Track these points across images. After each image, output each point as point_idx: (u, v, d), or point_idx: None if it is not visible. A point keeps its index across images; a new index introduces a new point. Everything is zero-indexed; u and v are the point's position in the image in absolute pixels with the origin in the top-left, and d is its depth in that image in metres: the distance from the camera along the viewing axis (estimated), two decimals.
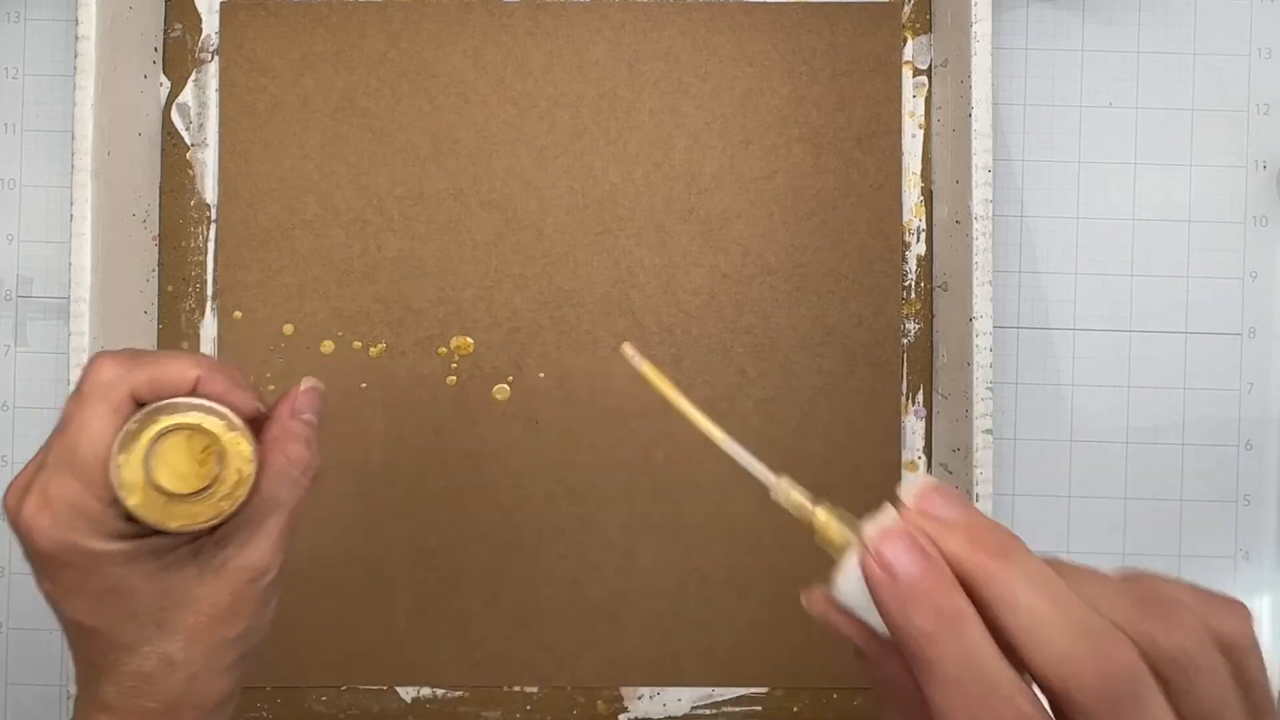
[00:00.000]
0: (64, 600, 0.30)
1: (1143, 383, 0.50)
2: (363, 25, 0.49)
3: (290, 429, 0.34)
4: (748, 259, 0.49)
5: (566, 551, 0.48)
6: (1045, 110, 0.50)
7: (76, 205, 0.42)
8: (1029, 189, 0.50)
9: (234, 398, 0.32)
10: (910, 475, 0.24)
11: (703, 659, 0.48)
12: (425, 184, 0.49)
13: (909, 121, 0.49)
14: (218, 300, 0.49)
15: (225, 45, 0.49)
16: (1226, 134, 0.50)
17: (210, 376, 0.31)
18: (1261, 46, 0.50)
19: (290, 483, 0.33)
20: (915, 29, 0.50)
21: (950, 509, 0.23)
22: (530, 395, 0.49)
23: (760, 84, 0.49)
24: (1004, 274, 0.50)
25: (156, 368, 0.31)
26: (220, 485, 0.31)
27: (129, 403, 0.30)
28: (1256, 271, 0.50)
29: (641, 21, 0.49)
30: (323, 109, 0.49)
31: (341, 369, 0.49)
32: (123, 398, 0.30)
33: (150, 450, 0.30)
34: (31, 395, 0.49)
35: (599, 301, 0.49)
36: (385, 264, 0.49)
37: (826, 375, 0.49)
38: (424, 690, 0.49)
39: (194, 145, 0.49)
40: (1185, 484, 0.50)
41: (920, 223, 0.49)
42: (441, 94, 0.49)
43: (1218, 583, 0.49)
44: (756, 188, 0.49)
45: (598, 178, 0.49)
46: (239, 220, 0.49)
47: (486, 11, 0.49)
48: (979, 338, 0.43)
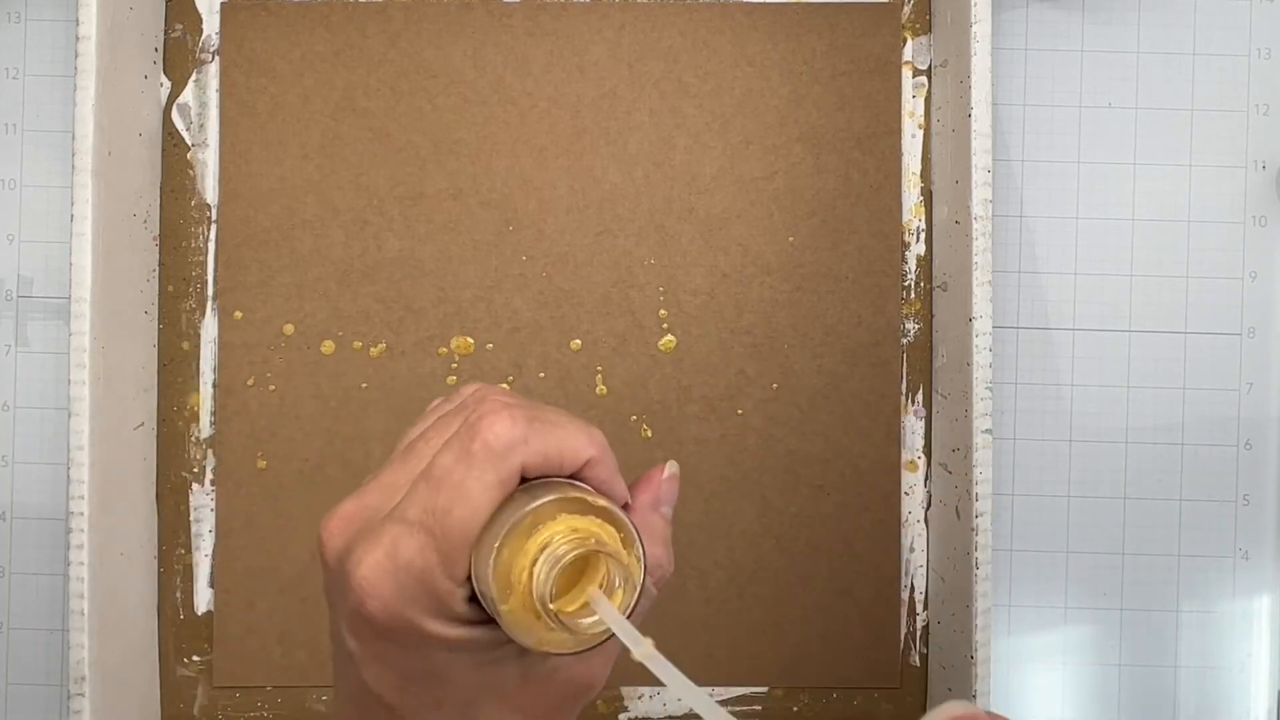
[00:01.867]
0: (369, 667, 0.27)
1: (1142, 383, 0.50)
2: (363, 25, 0.49)
3: (652, 526, 0.29)
4: (748, 259, 0.49)
5: None
6: (1045, 110, 0.50)
7: (77, 205, 0.42)
8: (1029, 189, 0.50)
9: (615, 487, 0.28)
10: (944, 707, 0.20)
11: (703, 659, 0.49)
12: (425, 184, 0.49)
13: (909, 122, 0.49)
14: (218, 300, 0.49)
15: (225, 45, 0.49)
16: (1226, 134, 0.50)
17: (602, 460, 0.27)
18: (1261, 46, 0.50)
19: (646, 596, 0.28)
20: (915, 29, 0.50)
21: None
22: (530, 395, 0.49)
23: (760, 84, 0.49)
24: (1004, 274, 0.50)
25: (554, 440, 0.27)
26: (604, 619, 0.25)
27: (517, 476, 0.26)
28: (1256, 271, 0.50)
29: (641, 21, 0.49)
30: (323, 109, 0.49)
31: (341, 369, 0.49)
32: (513, 471, 0.26)
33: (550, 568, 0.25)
34: (31, 395, 0.49)
35: (599, 301, 0.49)
36: (385, 264, 0.49)
37: (826, 375, 0.49)
38: None
39: (194, 145, 0.49)
40: (1184, 484, 0.50)
41: (920, 223, 0.49)
42: (441, 94, 0.49)
43: (1217, 582, 0.49)
44: (756, 188, 0.49)
45: (598, 178, 0.49)
46: (239, 220, 0.49)
47: (486, 11, 0.49)
48: (978, 338, 0.43)
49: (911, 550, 0.49)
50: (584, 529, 0.25)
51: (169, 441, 0.49)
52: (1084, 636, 0.49)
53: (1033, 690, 0.49)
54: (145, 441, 0.48)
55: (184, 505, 0.49)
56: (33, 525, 0.49)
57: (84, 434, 0.42)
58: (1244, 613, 0.49)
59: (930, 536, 0.49)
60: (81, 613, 0.41)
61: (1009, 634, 0.49)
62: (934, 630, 0.48)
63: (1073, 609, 0.49)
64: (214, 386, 0.49)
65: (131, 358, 0.46)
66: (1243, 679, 0.49)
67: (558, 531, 0.25)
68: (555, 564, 0.24)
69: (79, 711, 0.41)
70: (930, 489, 0.49)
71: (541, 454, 0.26)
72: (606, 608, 0.25)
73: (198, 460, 0.49)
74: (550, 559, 0.24)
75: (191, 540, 0.49)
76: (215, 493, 0.48)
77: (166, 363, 0.49)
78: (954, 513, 0.46)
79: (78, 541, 0.41)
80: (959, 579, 0.44)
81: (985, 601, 0.43)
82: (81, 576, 0.41)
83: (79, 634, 0.41)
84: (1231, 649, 0.49)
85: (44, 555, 0.49)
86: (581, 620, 0.25)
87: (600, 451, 0.27)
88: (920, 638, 0.49)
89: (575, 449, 0.27)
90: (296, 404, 0.48)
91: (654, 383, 0.49)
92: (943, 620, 0.47)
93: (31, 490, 0.49)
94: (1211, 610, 0.49)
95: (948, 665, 0.46)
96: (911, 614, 0.49)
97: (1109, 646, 0.49)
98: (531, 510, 0.25)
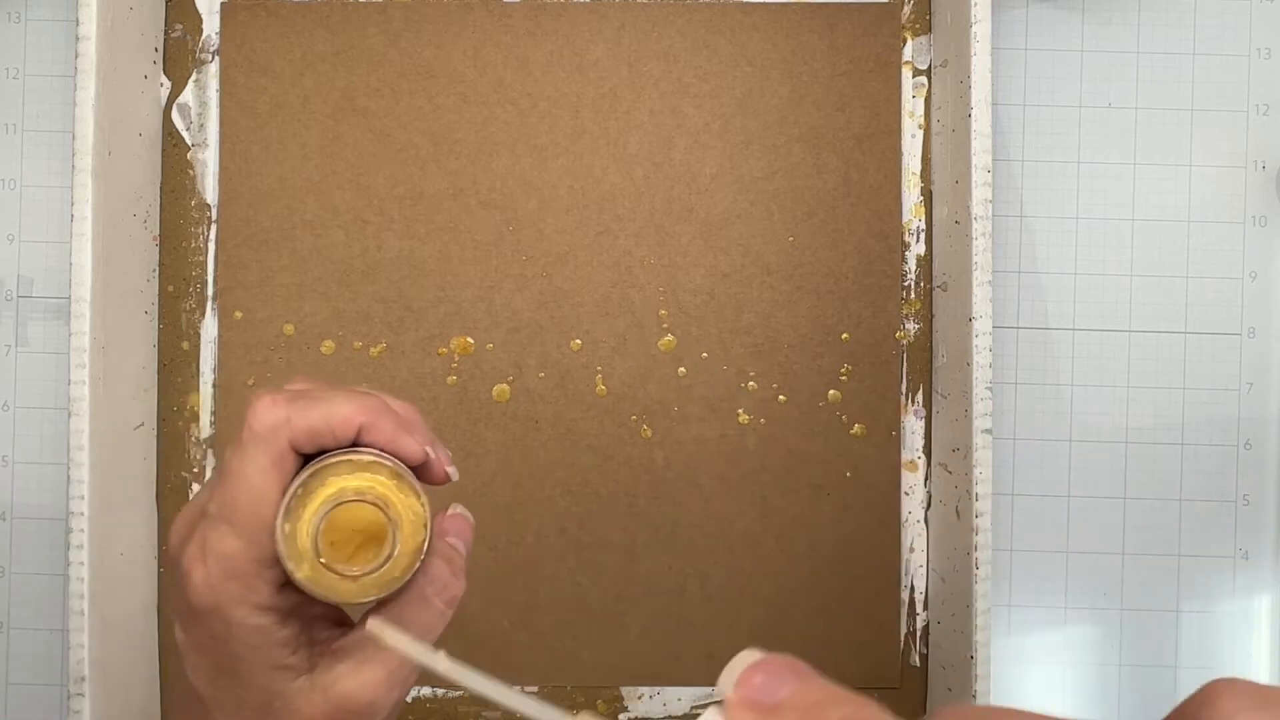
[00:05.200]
0: (189, 657, 0.29)
1: (1142, 383, 0.50)
2: (363, 25, 0.49)
3: (438, 547, 0.30)
4: (747, 259, 0.49)
5: (566, 551, 0.49)
6: (1045, 110, 0.50)
7: (77, 205, 0.42)
8: (1029, 189, 0.50)
9: (401, 445, 0.29)
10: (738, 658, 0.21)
11: (703, 659, 0.48)
12: (425, 184, 0.49)
13: (909, 121, 0.49)
14: (218, 300, 0.49)
15: (225, 45, 0.49)
16: (1226, 134, 0.50)
17: (375, 424, 0.29)
18: (1261, 46, 0.50)
19: (422, 605, 0.29)
20: (915, 29, 0.50)
21: (776, 686, 0.20)
22: (530, 395, 0.49)
23: (760, 84, 0.49)
24: (1004, 274, 0.50)
25: (317, 414, 0.28)
26: (394, 562, 0.28)
27: (290, 455, 0.28)
28: (1256, 271, 0.50)
29: (641, 21, 0.49)
30: (323, 109, 0.49)
31: (341, 369, 0.49)
32: (283, 449, 0.28)
33: (318, 524, 0.27)
34: (32, 395, 0.49)
35: (599, 301, 0.49)
36: (385, 264, 0.49)
37: (826, 375, 0.49)
38: (424, 690, 0.49)
39: (194, 145, 0.49)
40: (1184, 484, 0.50)
41: (920, 223, 0.49)
42: (441, 94, 0.49)
43: (1217, 582, 0.49)
44: (756, 188, 0.49)
45: (598, 178, 0.49)
46: (239, 220, 0.49)
47: (486, 11, 0.49)
48: (978, 338, 0.43)
49: (911, 550, 0.49)
50: (355, 486, 0.28)
51: (169, 441, 0.49)
52: (1084, 636, 0.49)
53: (1033, 690, 0.49)
54: (145, 441, 0.48)
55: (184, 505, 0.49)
56: (33, 525, 0.49)
57: (84, 434, 0.42)
58: (1244, 613, 0.49)
59: (930, 536, 0.49)
60: (81, 613, 0.41)
61: (1009, 634, 0.49)
62: (934, 630, 0.48)
63: (1073, 609, 0.49)
64: (214, 386, 0.49)
65: (131, 358, 0.46)
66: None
67: (328, 494, 0.28)
68: (320, 516, 0.27)
69: (79, 711, 0.41)
70: (930, 489, 0.49)
71: (307, 428, 0.28)
72: (391, 635, 0.26)
73: (198, 460, 0.49)
74: (317, 513, 0.27)
75: None
76: None
77: (166, 363, 0.49)
78: (954, 513, 0.46)
79: (78, 541, 0.41)
80: (959, 579, 0.44)
81: (985, 601, 0.43)
82: (81, 576, 0.41)
83: (79, 634, 0.41)
84: (1231, 649, 0.49)
85: (44, 555, 0.49)
86: (354, 568, 0.28)
87: (372, 416, 0.29)
88: (920, 638, 0.49)
89: (344, 418, 0.28)
90: None
91: (654, 383, 0.49)
92: (943, 620, 0.47)
93: (31, 490, 0.49)
94: (1211, 610, 0.49)
95: (948, 665, 0.46)
96: (911, 614, 0.49)
97: (1109, 646, 0.49)
98: (301, 482, 0.28)
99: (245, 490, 0.28)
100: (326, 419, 0.28)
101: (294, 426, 0.28)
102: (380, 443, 0.29)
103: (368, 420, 0.29)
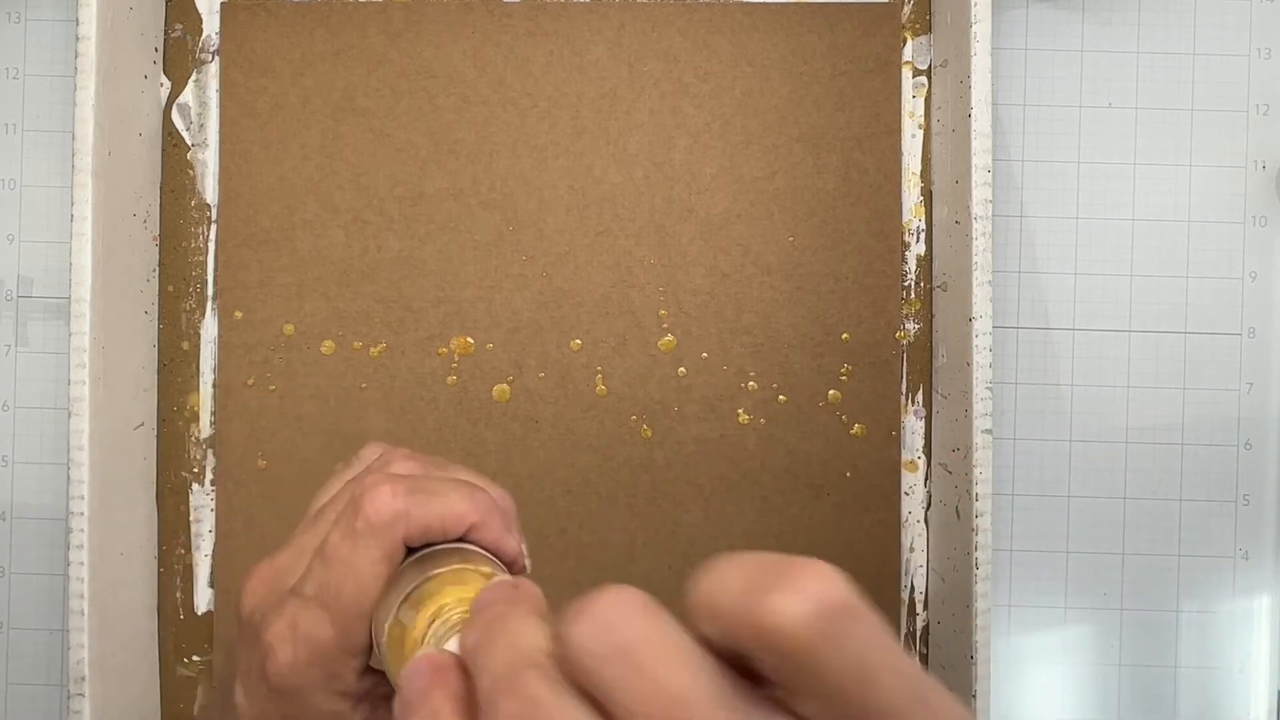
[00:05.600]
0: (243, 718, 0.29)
1: (1142, 383, 0.50)
2: (363, 25, 0.49)
3: None
4: (747, 259, 0.49)
5: (566, 551, 0.49)
6: (1045, 110, 0.50)
7: (77, 205, 0.42)
8: (1029, 189, 0.50)
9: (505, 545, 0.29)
10: None
11: None
12: (425, 184, 0.49)
13: (909, 122, 0.49)
14: (218, 300, 0.49)
15: (225, 45, 0.49)
16: (1226, 134, 0.50)
17: (486, 523, 0.29)
18: (1261, 46, 0.50)
19: None
20: (915, 29, 0.50)
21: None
22: (530, 395, 0.49)
23: (760, 84, 0.49)
24: (1004, 274, 0.50)
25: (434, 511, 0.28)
26: None
27: (401, 549, 0.28)
28: (1256, 271, 0.50)
29: (641, 21, 0.49)
30: (323, 109, 0.49)
31: (341, 369, 0.49)
32: (396, 544, 0.27)
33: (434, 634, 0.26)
34: (31, 395, 0.49)
35: (599, 301, 0.49)
36: (385, 264, 0.49)
37: (826, 375, 0.49)
38: None
39: (194, 145, 0.49)
40: (1184, 484, 0.50)
41: (920, 223, 0.49)
42: (441, 94, 0.49)
43: (1217, 583, 0.49)
44: (756, 188, 0.49)
45: (598, 178, 0.49)
46: (239, 220, 0.49)
47: (486, 11, 0.49)
48: (978, 338, 0.43)
49: (911, 550, 0.49)
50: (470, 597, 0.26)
51: (169, 441, 0.49)
52: (1084, 636, 0.49)
53: (1033, 690, 0.49)
54: (145, 441, 0.48)
55: (184, 505, 0.49)
56: (33, 525, 0.49)
57: (84, 434, 0.42)
58: (1244, 613, 0.49)
59: (930, 536, 0.49)
60: (81, 613, 0.41)
61: (1009, 634, 0.49)
62: (934, 630, 0.48)
63: (1073, 609, 0.49)
64: (214, 386, 0.49)
65: (131, 358, 0.46)
66: (1242, 679, 0.49)
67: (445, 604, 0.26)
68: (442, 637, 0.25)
69: (79, 711, 0.41)
70: (930, 489, 0.49)
71: (423, 525, 0.28)
72: None
73: (198, 460, 0.49)
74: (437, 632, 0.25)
75: (191, 540, 0.49)
76: (215, 493, 0.48)
77: (166, 363, 0.49)
78: (954, 513, 0.46)
79: (78, 541, 0.41)
80: (959, 579, 0.44)
81: (985, 601, 0.43)
82: (81, 576, 0.41)
83: (79, 634, 0.41)
84: (1231, 649, 0.49)
85: (44, 555, 0.49)
86: None
87: (483, 515, 0.28)
88: (920, 638, 0.49)
89: (457, 517, 0.28)
90: (296, 404, 0.48)
91: (654, 383, 0.49)
92: (943, 620, 0.47)
93: (31, 490, 0.49)
94: (1211, 610, 0.49)
95: (948, 665, 0.46)
96: (911, 614, 0.49)
97: (1109, 646, 0.49)
98: (416, 586, 0.27)
99: (352, 580, 0.27)
100: (442, 516, 0.28)
101: (411, 522, 0.27)
102: (486, 541, 0.29)
103: (480, 520, 0.29)
